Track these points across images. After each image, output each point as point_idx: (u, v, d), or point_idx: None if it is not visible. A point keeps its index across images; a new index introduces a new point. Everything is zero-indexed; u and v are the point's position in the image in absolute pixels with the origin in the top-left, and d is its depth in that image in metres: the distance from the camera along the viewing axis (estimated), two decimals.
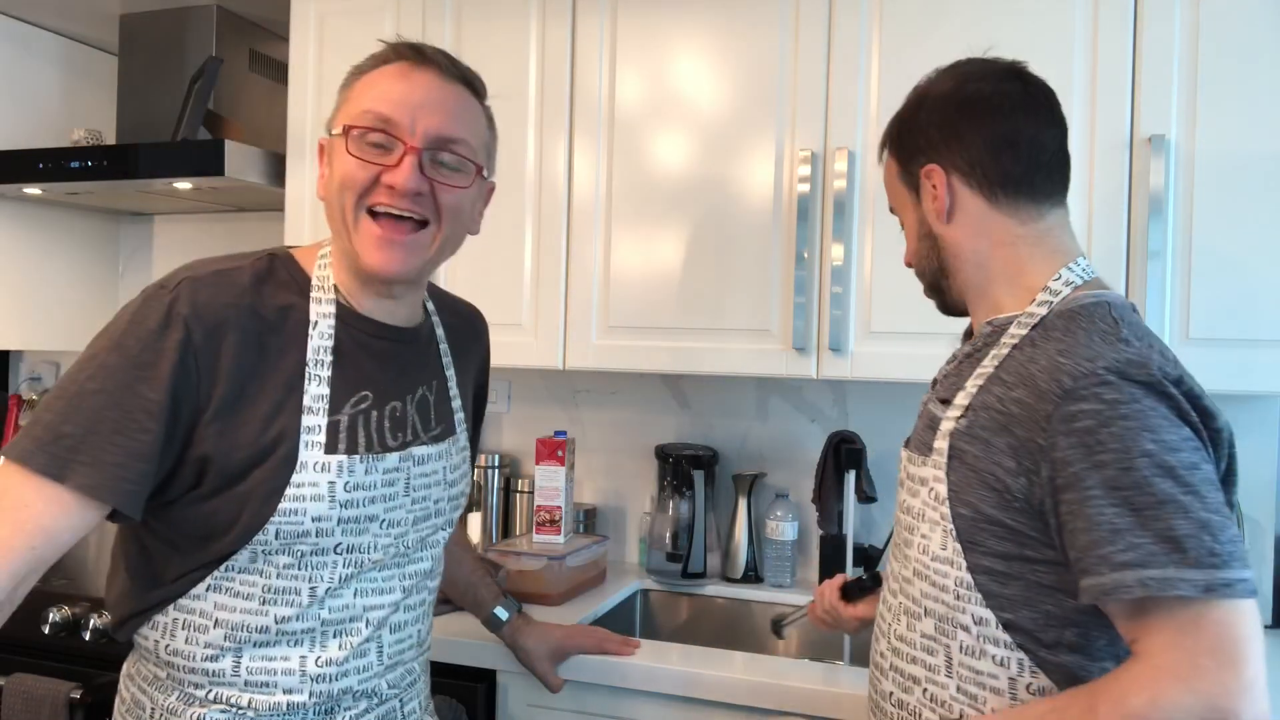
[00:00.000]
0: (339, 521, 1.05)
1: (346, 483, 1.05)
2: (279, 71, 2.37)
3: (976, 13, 1.64)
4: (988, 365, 0.99)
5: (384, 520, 1.09)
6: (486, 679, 1.61)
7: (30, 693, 1.77)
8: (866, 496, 1.85)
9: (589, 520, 2.20)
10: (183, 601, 1.05)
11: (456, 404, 1.22)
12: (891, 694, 1.04)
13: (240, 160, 2.03)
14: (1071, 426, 0.86)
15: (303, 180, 2.05)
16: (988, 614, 0.94)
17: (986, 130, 1.02)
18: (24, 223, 2.41)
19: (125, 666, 1.15)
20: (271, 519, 1.01)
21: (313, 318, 1.06)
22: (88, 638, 1.78)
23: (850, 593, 1.38)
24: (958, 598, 0.96)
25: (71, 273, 2.54)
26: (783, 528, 2.02)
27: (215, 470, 1.00)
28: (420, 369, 1.17)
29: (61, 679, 1.77)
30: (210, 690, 1.06)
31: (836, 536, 1.92)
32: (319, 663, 1.07)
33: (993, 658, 0.94)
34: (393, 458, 1.09)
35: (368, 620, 1.10)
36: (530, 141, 1.90)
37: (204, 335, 0.98)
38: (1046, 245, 1.02)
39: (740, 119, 1.78)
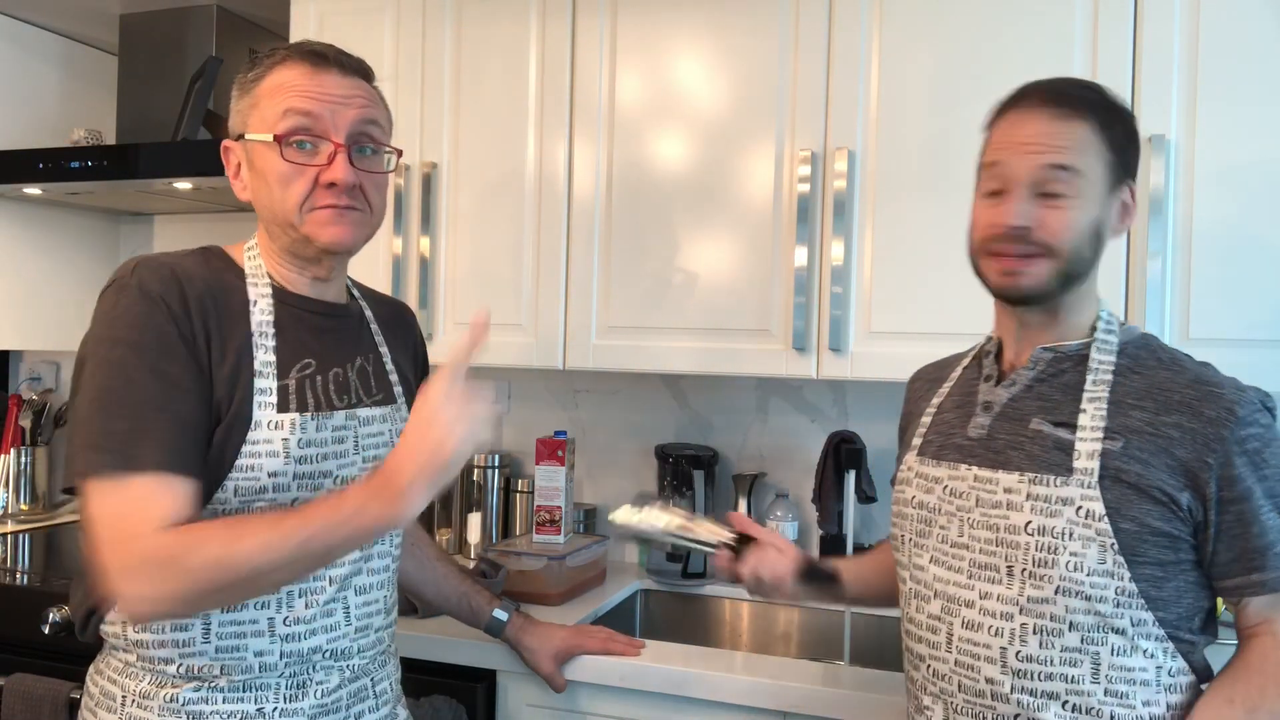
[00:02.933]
0: (294, 477, 1.09)
1: (300, 439, 1.10)
2: None
3: (977, 13, 1.64)
4: (1097, 390, 1.07)
5: (337, 477, 1.14)
6: (486, 679, 1.61)
7: (30, 693, 1.77)
8: (866, 496, 1.85)
9: (589, 520, 2.20)
10: None
11: (394, 378, 1.28)
12: (1018, 716, 1.06)
13: None
14: (1244, 448, 1.02)
15: None
16: (1146, 615, 1.03)
17: None
18: (24, 223, 2.41)
19: (91, 667, 1.17)
20: (230, 476, 1.06)
21: (251, 298, 1.13)
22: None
23: (811, 577, 1.32)
24: (1117, 605, 1.02)
25: (71, 273, 2.54)
26: (783, 528, 2.02)
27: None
28: (356, 342, 1.24)
29: (61, 679, 1.76)
30: (181, 664, 1.07)
31: (837, 536, 1.92)
32: (287, 621, 1.10)
33: (1144, 652, 1.03)
34: (339, 415, 1.15)
35: (330, 578, 1.13)
36: (530, 141, 1.90)
37: (177, 303, 1.06)
38: None
39: (740, 119, 1.78)
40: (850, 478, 1.82)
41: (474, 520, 2.18)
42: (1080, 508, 1.03)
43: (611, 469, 2.25)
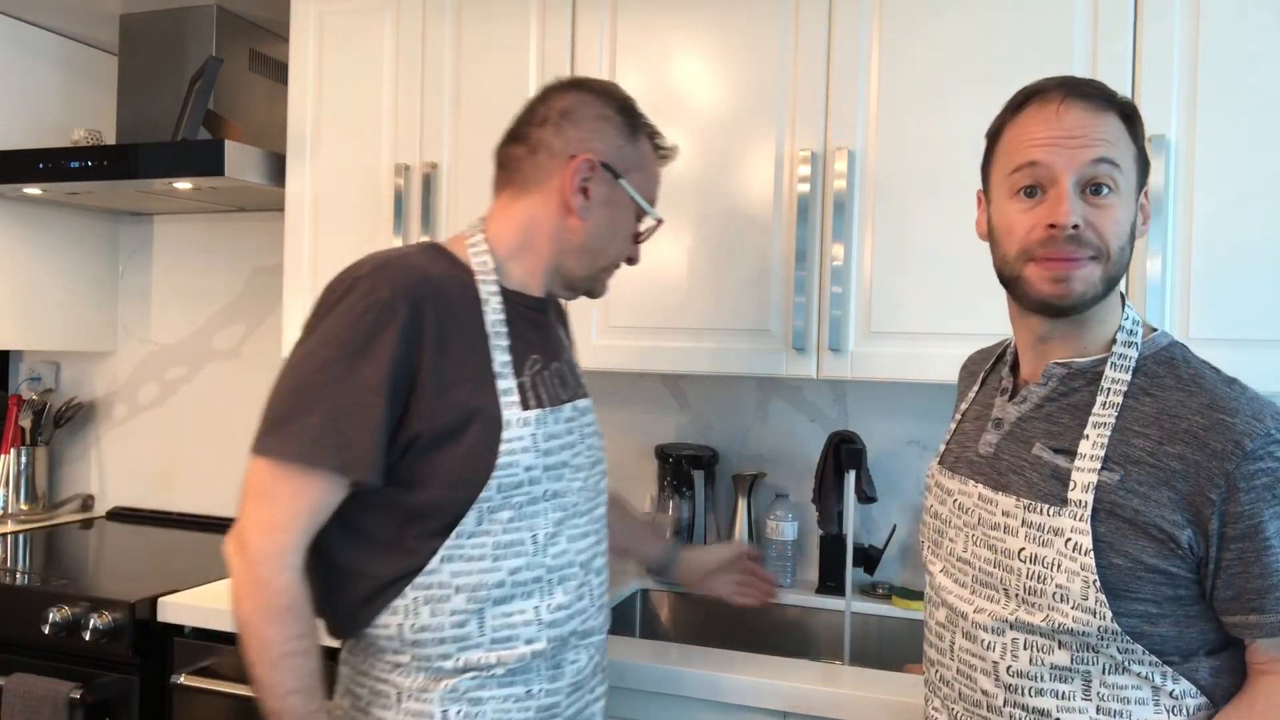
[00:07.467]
0: (544, 469, 1.17)
1: (545, 433, 1.18)
2: (279, 71, 2.37)
3: (977, 13, 1.64)
4: (1104, 414, 1.02)
5: (573, 466, 1.23)
6: None
7: (30, 693, 1.77)
8: (866, 496, 1.85)
9: None
10: (420, 579, 1.13)
11: (579, 370, 1.37)
12: None
13: (240, 160, 2.03)
14: (1252, 484, 0.95)
15: (302, 180, 2.05)
16: (1135, 645, 0.99)
17: None
18: (24, 223, 2.41)
19: (347, 670, 1.21)
20: (493, 474, 1.12)
21: (483, 295, 1.19)
22: (88, 638, 1.78)
23: None
24: (1101, 637, 0.99)
25: (71, 273, 2.54)
26: (783, 528, 2.02)
27: (431, 430, 1.11)
28: (558, 335, 1.34)
29: (61, 679, 1.77)
30: (458, 658, 1.14)
31: (837, 536, 1.92)
32: (550, 609, 1.18)
33: (1137, 673, 1.00)
34: (567, 409, 1.24)
35: (579, 564, 1.22)
36: None
37: (409, 312, 1.10)
38: None
39: (740, 119, 1.78)
40: (850, 478, 1.82)
41: None
42: (1070, 540, 0.99)
43: (612, 469, 2.23)
